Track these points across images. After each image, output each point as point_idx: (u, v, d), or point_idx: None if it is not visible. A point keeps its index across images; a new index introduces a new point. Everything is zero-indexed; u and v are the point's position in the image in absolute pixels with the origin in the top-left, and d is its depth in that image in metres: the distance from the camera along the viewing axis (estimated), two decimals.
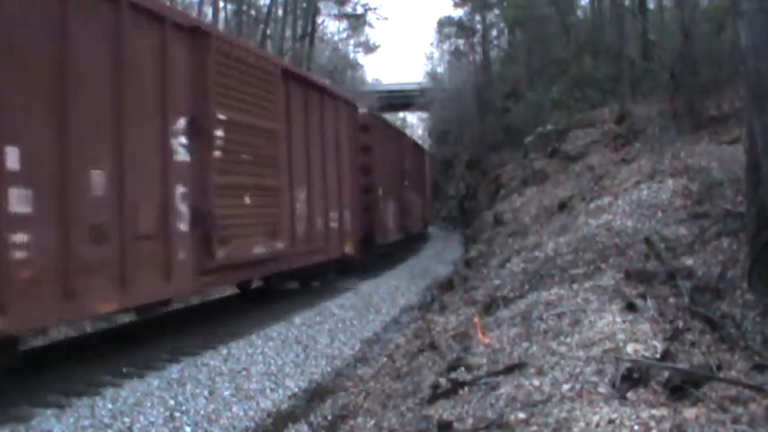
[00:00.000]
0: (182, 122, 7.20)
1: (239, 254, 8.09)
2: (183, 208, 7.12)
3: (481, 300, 7.43)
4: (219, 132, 7.73)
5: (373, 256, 15.55)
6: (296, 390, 7.11)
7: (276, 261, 9.35)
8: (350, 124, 13.26)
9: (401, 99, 46.80)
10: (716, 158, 9.36)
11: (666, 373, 3.75)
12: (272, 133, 9.05)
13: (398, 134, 21.05)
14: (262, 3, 30.13)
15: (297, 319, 9.41)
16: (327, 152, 11.64)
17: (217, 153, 7.68)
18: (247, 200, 8.32)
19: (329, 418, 6.07)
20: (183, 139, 7.20)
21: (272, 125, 9.07)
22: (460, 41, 40.47)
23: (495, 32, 37.00)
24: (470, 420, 3.76)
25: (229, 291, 11.97)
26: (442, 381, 4.71)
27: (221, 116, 7.75)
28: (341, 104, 12.74)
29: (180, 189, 7.08)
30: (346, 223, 12.57)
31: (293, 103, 10.11)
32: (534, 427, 3.34)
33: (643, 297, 5.37)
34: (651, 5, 21.60)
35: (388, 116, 33.78)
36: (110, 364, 6.68)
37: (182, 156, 7.17)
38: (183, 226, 7.11)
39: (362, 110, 15.10)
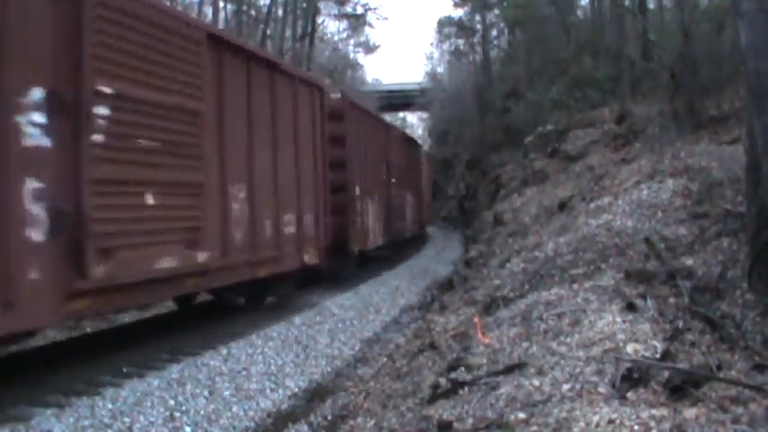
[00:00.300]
0: (36, 94, 5.34)
1: (133, 269, 6.17)
2: (35, 209, 5.26)
3: (481, 300, 7.43)
4: (102, 110, 5.87)
5: (348, 266, 13.52)
6: (296, 390, 7.11)
7: (199, 276, 7.41)
8: (314, 110, 11.04)
9: (401, 99, 46.84)
10: (716, 158, 9.36)
11: (666, 373, 3.76)
12: (192, 115, 7.12)
13: (383, 125, 18.18)
14: (262, 3, 30.21)
15: (297, 319, 9.42)
16: (280, 142, 9.47)
17: (97, 137, 5.79)
18: (150, 199, 6.45)
19: (329, 418, 6.07)
20: (39, 117, 5.36)
21: (191, 105, 7.12)
22: (460, 41, 40.52)
23: (495, 32, 37.06)
24: (470, 420, 3.77)
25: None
26: (442, 381, 4.71)
27: (105, 88, 5.87)
28: (300, 85, 10.43)
29: (30, 184, 5.24)
30: (307, 228, 10.40)
31: (228, 79, 8.08)
32: (534, 427, 3.34)
33: (643, 297, 5.38)
34: (651, 5, 21.64)
35: (388, 116, 33.81)
36: (110, 364, 6.68)
37: (35, 139, 5.31)
38: (37, 234, 5.25)
39: (335, 95, 12.97)
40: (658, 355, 4.10)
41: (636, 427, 3.06)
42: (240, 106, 8.45)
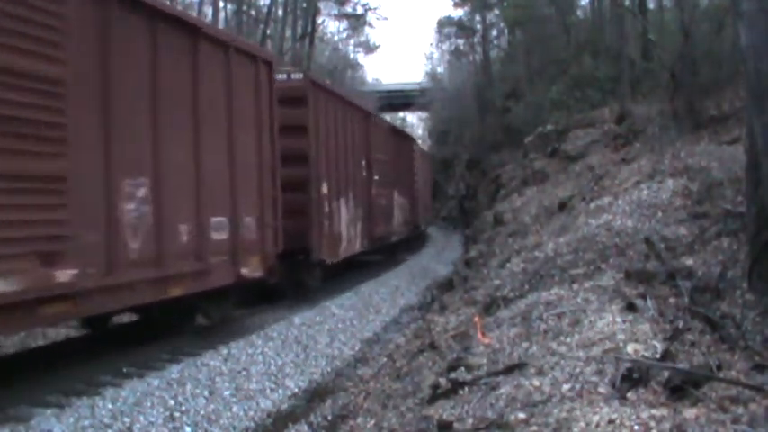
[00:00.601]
0: None
1: None
2: None
3: (481, 300, 7.44)
4: None
5: (311, 279, 11.36)
6: (296, 390, 7.12)
7: (65, 301, 5.53)
8: (259, 89, 8.97)
9: (401, 99, 46.85)
10: (716, 158, 9.37)
11: (666, 373, 3.76)
12: (46, 83, 5.23)
13: (362, 113, 15.52)
14: (262, 3, 30.21)
15: (297, 319, 9.41)
16: (205, 127, 7.55)
17: None
18: None
19: (329, 418, 6.08)
20: None
21: (45, 69, 5.22)
22: (460, 41, 40.55)
23: (495, 32, 37.08)
24: (470, 420, 3.77)
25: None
26: (442, 381, 4.71)
27: None
28: (238, 58, 8.42)
29: None
30: (247, 233, 8.41)
31: (119, 40, 6.18)
32: (534, 427, 3.34)
33: (643, 297, 5.38)
34: (651, 5, 21.65)
35: (388, 116, 33.79)
36: (110, 364, 6.68)
37: None
38: None
39: (296, 75, 11.25)
40: (658, 355, 4.10)
41: (636, 427, 3.06)
42: (140, 77, 6.58)
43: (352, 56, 46.79)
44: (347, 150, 13.50)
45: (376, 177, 15.94)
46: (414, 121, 60.66)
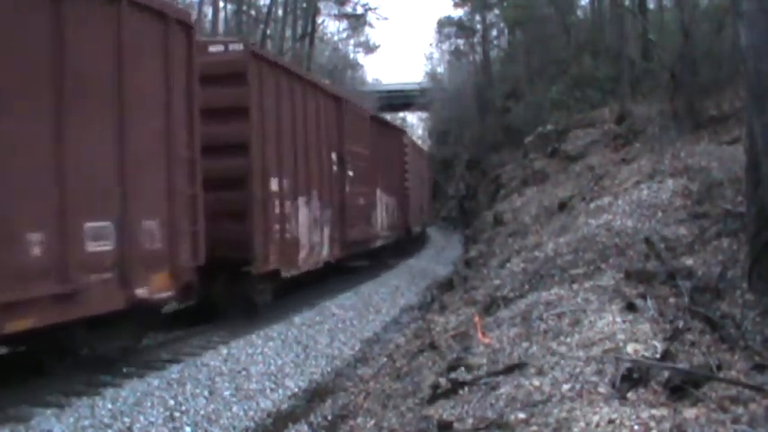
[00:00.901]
0: None
1: None
2: None
3: (481, 300, 7.44)
4: None
5: (259, 296, 9.34)
6: (296, 390, 7.13)
7: None
8: (168, 58, 7.05)
9: (401, 99, 46.86)
10: (716, 158, 9.37)
11: (666, 373, 3.76)
12: None
13: (331, 97, 12.93)
14: (262, 3, 30.21)
15: (297, 319, 9.41)
16: (75, 101, 5.68)
17: None
18: None
19: (329, 418, 6.08)
20: None
21: None
22: (460, 41, 40.57)
23: (495, 32, 37.10)
24: (470, 420, 3.77)
25: None
26: (442, 381, 4.71)
27: None
28: (132, 12, 6.46)
29: None
30: (149, 240, 6.62)
31: None
32: (534, 427, 3.34)
33: (643, 297, 5.38)
34: (651, 5, 21.65)
35: (389, 116, 33.78)
36: (110, 364, 6.67)
37: None
38: None
39: (235, 46, 9.18)
40: (658, 355, 4.10)
41: (636, 427, 3.06)
42: None
43: (352, 56, 46.93)
44: (309, 140, 11.16)
45: (351, 173, 13.54)
46: (414, 121, 60.74)
